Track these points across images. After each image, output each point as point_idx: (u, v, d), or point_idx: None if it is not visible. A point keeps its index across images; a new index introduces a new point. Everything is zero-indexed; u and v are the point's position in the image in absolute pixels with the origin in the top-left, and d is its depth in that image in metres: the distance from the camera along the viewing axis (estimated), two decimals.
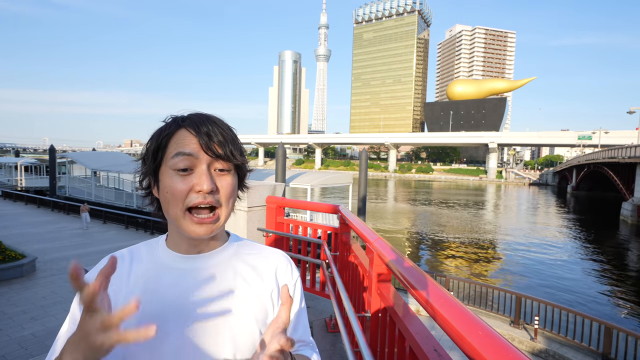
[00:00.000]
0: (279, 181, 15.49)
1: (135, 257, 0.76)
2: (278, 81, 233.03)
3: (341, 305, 2.33)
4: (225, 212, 0.71)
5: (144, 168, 0.73)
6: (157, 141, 0.70)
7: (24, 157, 39.98)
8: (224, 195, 0.70)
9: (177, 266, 0.73)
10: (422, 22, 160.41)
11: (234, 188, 0.73)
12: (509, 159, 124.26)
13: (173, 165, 0.68)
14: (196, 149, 0.67)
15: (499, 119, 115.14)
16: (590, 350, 6.93)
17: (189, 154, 0.67)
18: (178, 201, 0.68)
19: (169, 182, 0.68)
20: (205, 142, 0.67)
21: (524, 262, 17.43)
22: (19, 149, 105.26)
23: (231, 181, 0.72)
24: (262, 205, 4.14)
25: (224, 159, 0.69)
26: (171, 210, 0.69)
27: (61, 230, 13.51)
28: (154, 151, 0.71)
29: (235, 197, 0.74)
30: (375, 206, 35.91)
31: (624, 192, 37.28)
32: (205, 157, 0.68)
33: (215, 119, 0.73)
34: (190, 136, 0.68)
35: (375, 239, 1.76)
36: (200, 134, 0.68)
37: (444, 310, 0.92)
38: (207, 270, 0.74)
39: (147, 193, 0.75)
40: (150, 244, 0.79)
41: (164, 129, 0.71)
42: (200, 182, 0.67)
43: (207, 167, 0.68)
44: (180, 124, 0.70)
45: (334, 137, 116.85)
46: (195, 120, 0.70)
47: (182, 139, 0.68)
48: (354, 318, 1.60)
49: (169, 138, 0.69)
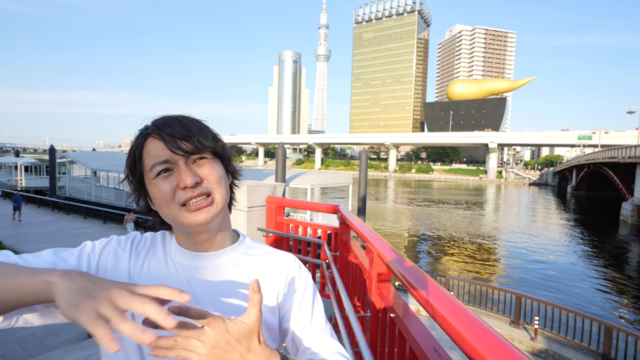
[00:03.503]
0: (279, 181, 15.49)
1: (154, 246, 0.78)
2: (278, 81, 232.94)
3: (341, 305, 2.33)
4: (219, 194, 0.71)
5: (131, 186, 0.75)
6: (131, 157, 0.72)
7: (24, 157, 40.00)
8: (211, 181, 0.70)
9: (185, 263, 0.75)
10: (422, 22, 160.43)
11: (218, 172, 0.72)
12: (509, 159, 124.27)
13: (153, 175, 0.69)
14: (167, 153, 0.68)
15: (499, 119, 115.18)
16: (590, 350, 6.93)
17: (163, 162, 0.68)
18: (169, 202, 0.69)
19: (155, 189, 0.69)
20: (171, 143, 0.68)
21: (523, 262, 17.42)
22: (19, 149, 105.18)
23: (212, 167, 0.72)
24: (262, 205, 4.14)
25: (194, 151, 0.69)
26: (166, 211, 0.70)
27: (61, 230, 13.51)
28: (132, 167, 0.72)
29: (225, 181, 0.74)
30: (375, 206, 35.91)
31: (624, 192, 37.28)
32: (177, 157, 0.68)
33: (178, 116, 0.73)
34: (157, 142, 0.69)
35: (375, 239, 1.76)
36: (165, 137, 0.68)
37: (444, 310, 0.92)
38: (214, 269, 0.75)
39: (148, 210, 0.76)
40: (165, 236, 0.80)
41: (133, 144, 0.72)
42: (182, 179, 0.67)
43: (185, 163, 0.69)
44: (145, 132, 0.71)
45: (334, 137, 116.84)
46: (158, 124, 0.71)
47: (152, 148, 0.69)
48: (354, 318, 1.60)
49: (141, 150, 0.71)
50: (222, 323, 0.52)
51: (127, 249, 0.76)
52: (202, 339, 0.50)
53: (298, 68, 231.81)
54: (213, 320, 0.51)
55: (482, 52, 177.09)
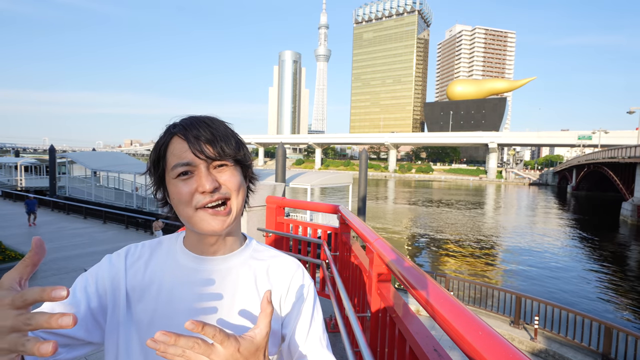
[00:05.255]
0: (279, 181, 15.50)
1: (155, 253, 0.78)
2: (278, 81, 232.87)
3: (341, 305, 2.33)
4: (236, 203, 0.72)
5: (152, 180, 0.76)
6: (156, 153, 0.73)
7: (24, 157, 39.97)
8: (230, 188, 0.71)
9: (192, 266, 0.75)
10: (422, 22, 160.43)
11: (238, 180, 0.73)
12: (509, 159, 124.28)
13: (174, 175, 0.70)
14: (189, 156, 0.69)
15: (499, 119, 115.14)
16: (590, 350, 6.92)
17: (185, 164, 0.69)
18: (186, 204, 0.69)
19: (174, 189, 0.70)
20: (195, 146, 0.68)
21: (523, 262, 17.43)
22: (19, 149, 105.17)
23: (233, 174, 0.72)
24: (262, 205, 4.14)
25: (217, 157, 0.70)
26: (182, 212, 0.71)
27: (61, 230, 13.51)
28: (155, 162, 0.73)
29: (243, 188, 0.75)
30: (375, 206, 35.91)
31: (623, 192, 37.28)
32: (199, 161, 0.69)
33: (205, 119, 0.74)
34: (182, 143, 0.70)
35: (375, 239, 1.76)
36: (189, 139, 0.69)
37: (444, 310, 0.92)
38: (220, 273, 0.75)
39: (163, 203, 0.77)
40: (171, 241, 0.81)
41: (160, 140, 0.73)
42: (202, 184, 0.68)
43: (206, 167, 0.69)
44: (172, 131, 0.72)
45: (334, 137, 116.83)
46: (185, 125, 0.72)
47: (176, 147, 0.70)
48: (354, 318, 1.60)
49: (165, 148, 0.72)
50: (235, 343, 0.51)
51: (122, 265, 0.75)
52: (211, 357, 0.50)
53: (298, 68, 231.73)
54: (226, 340, 0.51)
55: (482, 52, 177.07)
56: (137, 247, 0.79)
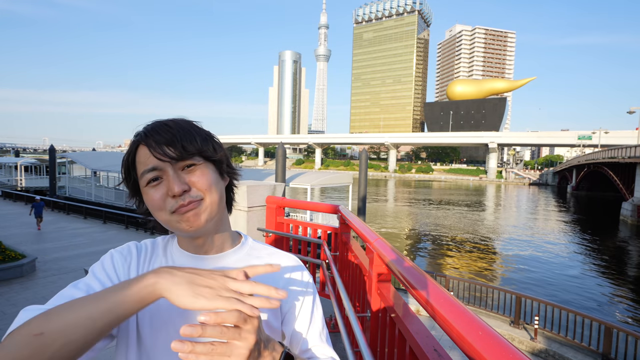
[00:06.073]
0: (279, 181, 15.49)
1: (155, 251, 0.79)
2: (278, 81, 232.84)
3: (341, 305, 2.33)
4: (209, 198, 0.70)
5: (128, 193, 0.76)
6: (125, 164, 0.73)
7: (24, 157, 39.97)
8: (200, 188, 0.69)
9: (190, 265, 0.75)
10: (422, 22, 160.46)
11: (209, 178, 0.71)
12: (509, 159, 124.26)
13: (144, 182, 0.70)
14: (153, 161, 0.68)
15: (499, 119, 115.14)
16: (590, 350, 6.92)
17: (151, 169, 0.68)
18: (160, 209, 0.69)
19: (146, 197, 0.70)
20: (156, 150, 0.68)
21: (524, 262, 17.42)
22: (19, 149, 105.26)
23: (203, 172, 0.70)
24: (262, 205, 4.14)
25: (180, 157, 0.68)
26: (159, 217, 0.70)
27: (61, 230, 13.51)
28: (126, 173, 0.73)
29: (218, 186, 0.73)
30: (375, 206, 35.90)
31: (623, 192, 37.28)
32: (164, 164, 0.68)
33: (167, 121, 0.72)
34: (145, 149, 0.69)
35: (375, 239, 1.76)
36: (150, 144, 0.68)
37: (444, 310, 0.92)
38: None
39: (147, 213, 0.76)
40: (167, 240, 0.81)
41: (127, 151, 0.73)
42: (170, 187, 0.67)
43: (173, 170, 0.68)
44: (135, 139, 0.72)
45: (334, 137, 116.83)
46: (146, 131, 0.71)
47: (141, 155, 0.70)
48: (354, 318, 1.60)
49: (133, 157, 0.72)
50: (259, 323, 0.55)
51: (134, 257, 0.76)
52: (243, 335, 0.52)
53: (298, 68, 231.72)
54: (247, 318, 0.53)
55: (482, 52, 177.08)
56: (140, 244, 0.80)
